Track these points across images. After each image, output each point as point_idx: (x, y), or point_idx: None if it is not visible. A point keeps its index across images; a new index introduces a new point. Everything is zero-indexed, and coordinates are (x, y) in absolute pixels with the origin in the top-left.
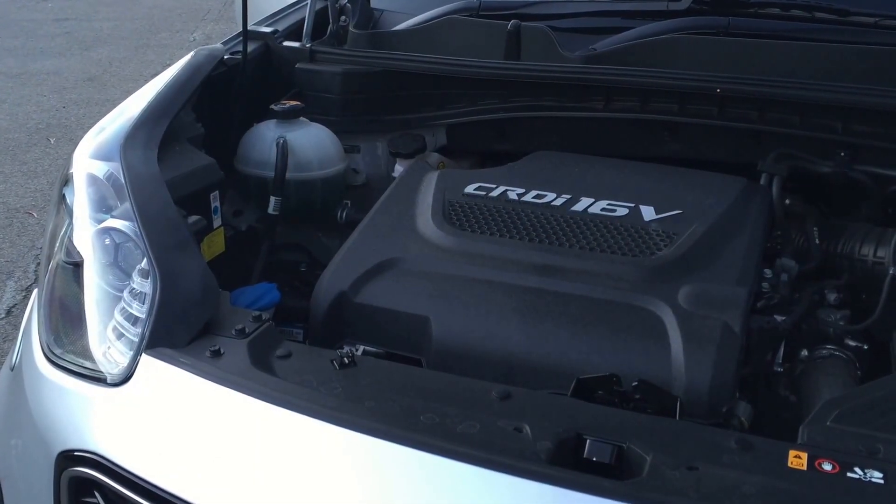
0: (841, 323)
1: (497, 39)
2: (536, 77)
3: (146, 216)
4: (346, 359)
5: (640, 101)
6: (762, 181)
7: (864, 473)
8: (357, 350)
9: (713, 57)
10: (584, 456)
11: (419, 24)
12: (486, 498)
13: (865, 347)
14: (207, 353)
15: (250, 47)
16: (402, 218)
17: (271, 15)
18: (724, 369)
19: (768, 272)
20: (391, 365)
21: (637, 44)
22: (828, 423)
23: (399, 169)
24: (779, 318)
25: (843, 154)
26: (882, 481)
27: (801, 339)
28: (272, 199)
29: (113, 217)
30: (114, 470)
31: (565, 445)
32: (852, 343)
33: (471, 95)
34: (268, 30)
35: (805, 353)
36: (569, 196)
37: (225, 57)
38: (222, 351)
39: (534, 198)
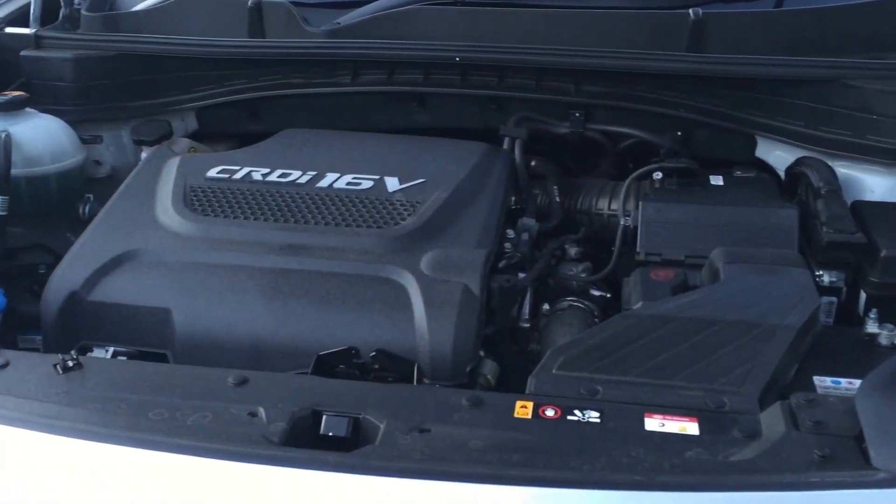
0: (583, 275)
1: (239, 17)
2: (281, 54)
3: None
4: (69, 362)
5: (386, 73)
6: (505, 145)
7: (583, 415)
8: (107, 352)
9: (453, 26)
10: (321, 432)
11: (158, 3)
12: (216, 489)
13: (608, 296)
14: None
15: None
16: (140, 207)
17: None
18: (465, 330)
19: (511, 233)
20: (122, 363)
21: (379, 16)
22: (553, 371)
23: None
24: (522, 275)
25: (577, 114)
26: (599, 420)
27: (550, 293)
28: None
29: None
30: None
31: (301, 424)
32: (596, 293)
33: (218, 76)
34: None
35: (546, 306)
36: (314, 173)
37: None
38: None
39: (279, 177)
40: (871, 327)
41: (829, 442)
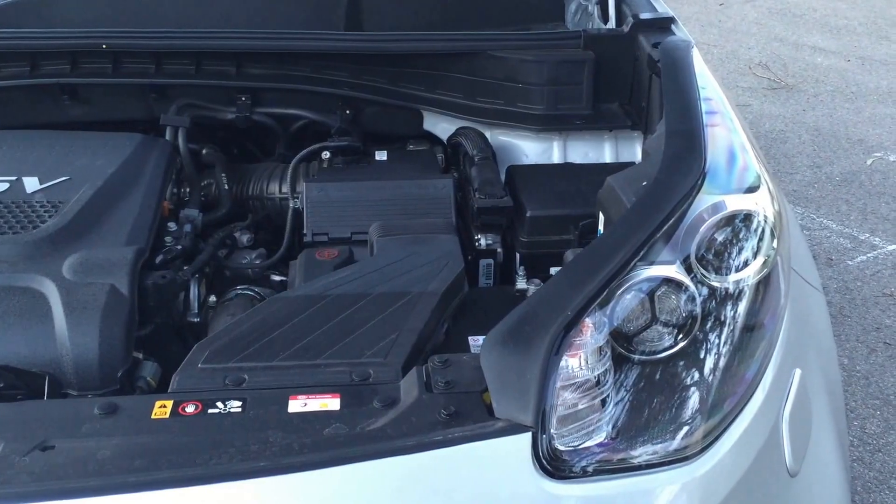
0: (257, 262)
1: None
2: None
3: None
4: None
5: (28, 64)
6: (167, 135)
7: (225, 406)
8: None
9: (102, 10)
10: None
11: None
12: None
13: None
14: None
15: None
16: None
17: None
18: (112, 334)
19: (173, 225)
20: None
21: (17, 1)
22: (199, 365)
23: None
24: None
25: (244, 98)
26: (240, 409)
27: (228, 284)
28: None
29: None
30: None
31: None
32: (277, 278)
33: None
34: None
35: (213, 298)
36: None
37: None
38: None
39: None
40: (521, 284)
41: (457, 400)
